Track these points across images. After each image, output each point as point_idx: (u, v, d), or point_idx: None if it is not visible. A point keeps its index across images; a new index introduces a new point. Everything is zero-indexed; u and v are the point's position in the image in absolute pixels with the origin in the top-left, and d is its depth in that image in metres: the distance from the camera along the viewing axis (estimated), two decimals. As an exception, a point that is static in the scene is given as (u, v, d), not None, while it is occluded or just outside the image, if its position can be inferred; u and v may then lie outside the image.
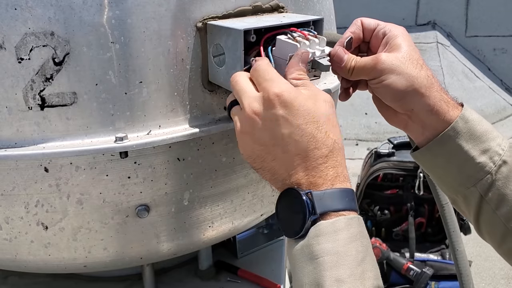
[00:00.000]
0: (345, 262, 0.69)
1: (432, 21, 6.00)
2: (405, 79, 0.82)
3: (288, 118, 0.73)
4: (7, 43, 0.78)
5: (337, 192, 0.72)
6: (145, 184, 0.88)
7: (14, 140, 0.83)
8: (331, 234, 0.70)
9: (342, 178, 0.74)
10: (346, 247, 0.69)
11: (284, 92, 0.73)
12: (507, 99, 5.62)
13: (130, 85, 0.83)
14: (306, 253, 0.71)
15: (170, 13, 0.83)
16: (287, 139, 0.73)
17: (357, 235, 0.71)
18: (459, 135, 0.85)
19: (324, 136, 0.73)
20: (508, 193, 0.85)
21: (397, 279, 2.76)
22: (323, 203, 0.71)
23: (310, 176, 0.73)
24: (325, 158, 0.73)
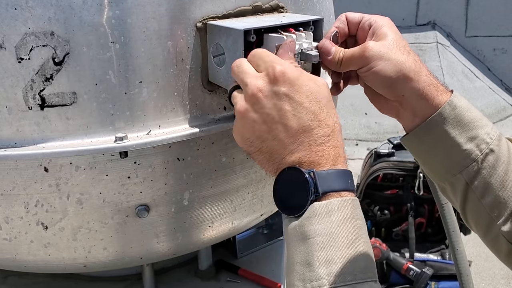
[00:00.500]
0: (336, 244, 0.69)
1: (432, 21, 6.00)
2: (394, 65, 0.83)
3: (292, 95, 0.73)
4: (7, 43, 0.78)
5: (339, 173, 0.73)
6: (145, 184, 0.88)
7: (14, 140, 0.83)
8: (323, 215, 0.70)
9: (343, 158, 0.74)
10: (338, 228, 0.70)
11: (288, 69, 0.73)
12: (507, 99, 5.62)
13: (130, 85, 0.83)
14: (298, 233, 0.71)
15: (170, 13, 0.83)
16: (290, 115, 0.73)
17: (350, 217, 0.71)
18: (446, 121, 0.85)
19: (326, 115, 0.74)
20: (493, 182, 0.85)
21: (397, 279, 2.76)
22: (326, 183, 0.71)
23: (312, 154, 0.72)
24: (327, 137, 0.73)
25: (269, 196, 1.06)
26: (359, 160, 3.90)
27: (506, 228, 0.85)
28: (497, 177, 0.85)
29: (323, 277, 0.68)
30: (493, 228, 0.87)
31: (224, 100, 0.92)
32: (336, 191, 0.72)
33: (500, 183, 0.85)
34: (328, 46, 0.86)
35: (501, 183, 0.85)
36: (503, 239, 0.86)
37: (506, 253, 0.87)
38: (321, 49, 0.86)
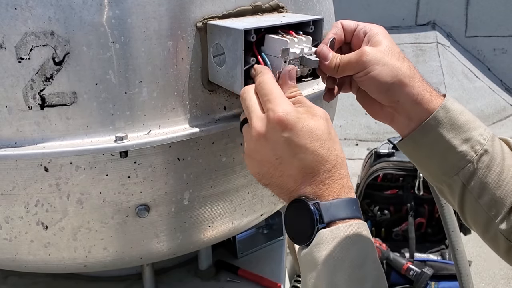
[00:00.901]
0: (343, 268, 0.72)
1: (432, 21, 5.99)
2: (390, 70, 0.85)
3: (293, 140, 0.75)
4: (7, 43, 0.78)
5: (343, 202, 0.75)
6: (145, 184, 0.88)
7: (14, 139, 0.83)
8: (330, 241, 0.73)
9: (347, 189, 0.77)
10: (343, 253, 0.72)
11: (288, 115, 0.76)
12: (507, 99, 5.61)
13: (130, 85, 0.83)
14: (308, 260, 0.74)
15: (170, 13, 0.83)
16: (293, 158, 0.76)
17: (355, 240, 0.74)
18: (441, 125, 0.87)
19: (327, 152, 0.76)
20: (489, 182, 0.87)
21: (397, 279, 2.76)
22: (330, 213, 0.74)
23: (317, 190, 0.76)
24: (329, 173, 0.76)
25: (269, 196, 1.06)
26: (359, 160, 3.90)
27: (504, 226, 0.87)
28: (493, 177, 0.87)
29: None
30: (492, 227, 0.88)
31: (224, 100, 0.92)
32: (341, 219, 0.74)
33: (496, 182, 0.87)
34: (325, 52, 0.86)
35: (497, 182, 0.87)
36: (502, 237, 0.87)
37: (505, 250, 0.88)
38: (319, 54, 0.87)
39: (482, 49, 6.00)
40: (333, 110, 1.19)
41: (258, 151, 0.79)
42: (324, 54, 0.86)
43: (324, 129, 0.77)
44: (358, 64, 0.85)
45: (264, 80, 0.80)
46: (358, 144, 4.88)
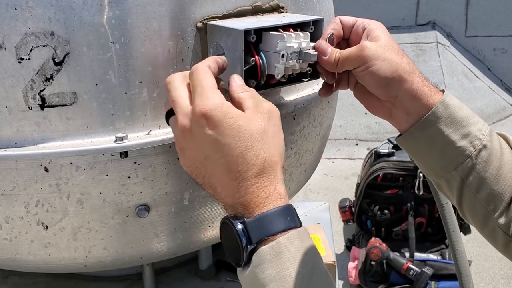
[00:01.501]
0: (290, 285, 0.68)
1: (432, 21, 5.99)
2: (390, 65, 0.84)
3: (218, 138, 0.71)
4: (7, 43, 0.78)
5: (274, 214, 0.70)
6: (145, 184, 0.88)
7: (14, 140, 0.84)
8: (272, 259, 0.69)
9: (277, 195, 0.72)
10: (289, 270, 0.68)
11: (213, 111, 0.71)
12: (507, 99, 5.61)
13: (130, 85, 0.83)
14: (252, 281, 0.70)
15: (170, 13, 0.83)
16: (217, 159, 0.72)
17: (299, 253, 0.70)
18: (440, 120, 0.86)
19: (253, 155, 0.71)
20: (487, 177, 0.87)
21: (397, 278, 2.76)
22: (258, 231, 0.69)
23: (243, 200, 0.71)
24: (256, 179, 0.71)
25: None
26: (359, 160, 3.91)
27: (502, 220, 0.87)
28: (491, 172, 0.87)
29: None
30: (490, 221, 0.89)
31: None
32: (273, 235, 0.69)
33: (494, 177, 0.87)
34: (324, 46, 0.86)
35: (495, 177, 0.87)
36: (500, 231, 0.88)
37: (504, 244, 0.89)
38: (317, 49, 0.86)
39: (482, 49, 5.99)
40: (333, 109, 1.19)
41: (186, 147, 0.75)
42: (322, 48, 0.86)
43: (257, 129, 0.72)
44: (358, 59, 0.85)
45: (197, 68, 0.76)
46: (358, 144, 4.88)
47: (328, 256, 1.50)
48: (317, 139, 1.11)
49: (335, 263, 1.49)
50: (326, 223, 1.78)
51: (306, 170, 1.13)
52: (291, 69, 0.87)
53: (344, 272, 2.95)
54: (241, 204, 0.71)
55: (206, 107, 0.71)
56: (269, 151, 0.73)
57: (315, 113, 1.07)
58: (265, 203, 0.71)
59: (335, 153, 4.61)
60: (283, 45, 0.83)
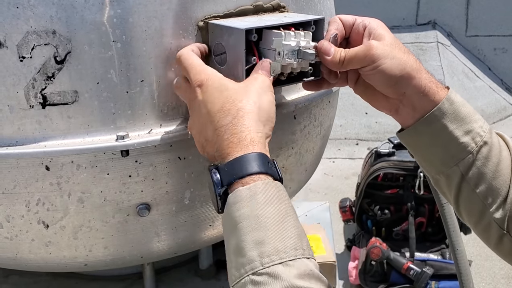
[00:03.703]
0: (264, 224, 0.70)
1: (432, 21, 5.98)
2: (398, 63, 0.85)
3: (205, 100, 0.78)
4: (9, 42, 0.78)
5: (241, 159, 0.74)
6: (146, 183, 0.88)
7: (16, 138, 0.84)
8: (248, 199, 0.72)
9: (248, 141, 0.75)
10: (264, 210, 0.71)
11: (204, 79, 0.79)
12: (508, 99, 5.61)
13: (131, 84, 0.83)
14: (229, 221, 0.73)
15: (172, 12, 0.83)
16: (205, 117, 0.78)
17: (274, 197, 0.73)
18: (445, 116, 0.88)
19: (230, 105, 0.77)
20: (486, 172, 0.89)
21: (397, 278, 2.76)
22: (228, 174, 0.73)
23: (218, 147, 0.76)
24: (229, 125, 0.75)
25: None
26: (359, 160, 3.90)
27: (499, 215, 0.89)
28: (490, 167, 0.89)
29: (255, 259, 0.69)
30: (486, 215, 0.90)
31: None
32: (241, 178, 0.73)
33: (493, 172, 0.89)
34: (327, 47, 0.86)
35: (494, 172, 0.89)
36: (495, 225, 0.90)
37: (497, 240, 0.91)
38: (320, 50, 0.87)
39: (482, 48, 5.99)
40: (334, 109, 1.19)
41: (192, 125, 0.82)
42: (325, 49, 0.86)
43: (242, 85, 0.79)
44: (366, 58, 0.85)
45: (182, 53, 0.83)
46: (359, 143, 4.87)
47: (328, 256, 1.50)
48: (317, 138, 1.11)
49: (335, 263, 1.49)
50: (326, 223, 1.78)
51: (306, 170, 1.13)
52: (289, 68, 0.86)
53: (344, 272, 2.94)
54: (219, 152, 0.76)
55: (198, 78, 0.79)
56: (247, 101, 0.77)
57: (316, 112, 1.07)
58: (236, 148, 0.74)
59: (336, 153, 4.61)
60: (279, 43, 0.83)
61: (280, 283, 0.67)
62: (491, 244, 0.93)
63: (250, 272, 0.68)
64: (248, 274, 0.68)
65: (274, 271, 0.67)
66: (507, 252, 0.91)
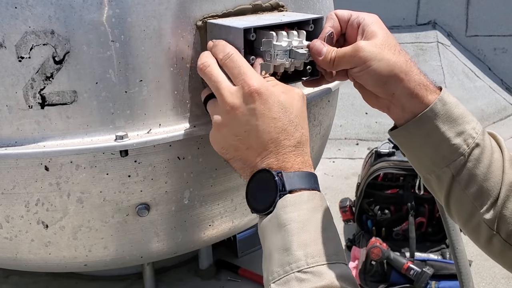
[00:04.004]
0: (310, 229, 0.76)
1: (432, 21, 5.98)
2: (386, 65, 0.85)
3: (265, 112, 0.79)
4: (7, 42, 0.78)
5: (304, 174, 0.79)
6: (145, 183, 0.88)
7: (15, 138, 0.84)
8: (296, 204, 0.77)
9: (308, 164, 0.81)
10: (309, 215, 0.77)
11: (262, 87, 0.79)
12: (508, 99, 5.60)
13: (130, 84, 0.83)
14: (274, 223, 0.78)
15: (170, 12, 0.83)
16: (262, 130, 0.79)
17: (319, 207, 0.79)
18: (437, 117, 0.88)
19: (293, 129, 0.80)
20: (478, 174, 0.89)
21: (398, 278, 2.76)
22: (292, 182, 0.78)
23: (280, 162, 0.79)
24: (293, 148, 0.80)
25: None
26: (359, 160, 3.90)
27: (489, 216, 0.90)
28: (482, 169, 0.89)
29: (301, 258, 0.74)
30: (475, 216, 0.91)
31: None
32: (302, 189, 0.78)
33: (484, 174, 0.89)
34: (319, 47, 0.86)
35: (485, 174, 0.89)
36: (485, 226, 0.90)
37: (486, 240, 0.91)
38: (312, 50, 0.87)
39: (482, 48, 5.99)
40: (333, 109, 1.19)
41: (227, 124, 0.81)
42: (317, 49, 0.86)
43: (296, 106, 0.82)
44: (353, 59, 0.85)
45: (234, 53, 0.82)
46: (359, 143, 4.87)
47: (328, 256, 1.49)
48: (317, 138, 1.11)
49: (336, 263, 1.48)
50: (326, 223, 1.78)
51: (306, 169, 1.13)
52: (282, 67, 0.87)
53: (344, 271, 2.94)
54: (277, 165, 0.79)
55: (256, 84, 0.79)
56: (305, 127, 0.83)
57: (315, 112, 1.07)
58: (300, 166, 0.80)
59: (336, 153, 4.61)
60: (268, 44, 0.83)
61: (323, 281, 0.73)
62: (480, 244, 0.93)
63: (296, 270, 0.74)
64: (293, 271, 0.74)
65: (318, 271, 0.74)
66: (497, 252, 0.91)
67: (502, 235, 0.89)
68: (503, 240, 0.89)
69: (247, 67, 0.80)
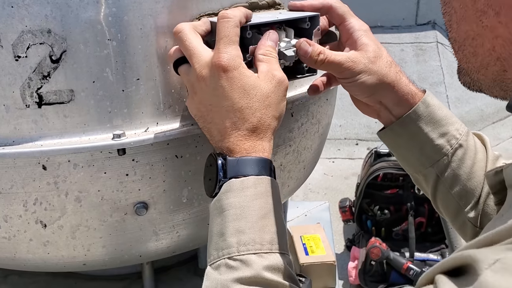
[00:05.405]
0: (247, 216, 0.76)
1: (432, 21, 5.98)
2: (376, 78, 0.87)
3: (226, 91, 0.78)
4: (4, 41, 0.78)
5: (251, 160, 0.78)
6: (143, 182, 0.88)
7: (12, 138, 0.84)
8: (239, 190, 0.77)
9: (260, 149, 0.79)
10: (250, 202, 0.76)
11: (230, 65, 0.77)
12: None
13: (127, 82, 0.83)
14: (217, 207, 0.78)
15: (167, 10, 0.83)
16: (221, 108, 0.79)
17: (263, 193, 0.77)
18: (420, 118, 0.90)
19: (251, 113, 0.78)
20: (461, 174, 0.92)
21: (397, 278, 2.76)
22: (235, 169, 0.78)
23: (230, 144, 0.79)
24: (247, 131, 0.78)
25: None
26: (359, 160, 3.90)
27: (472, 214, 0.93)
28: (465, 169, 0.92)
29: (233, 245, 0.74)
30: (461, 215, 0.94)
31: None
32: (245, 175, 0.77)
33: (467, 174, 0.92)
34: (304, 48, 0.85)
35: (468, 174, 0.92)
36: (470, 224, 0.94)
37: (472, 237, 0.94)
38: (298, 49, 0.86)
39: (482, 48, 5.98)
40: (332, 107, 1.19)
41: (196, 93, 0.81)
42: (303, 49, 0.85)
43: (262, 91, 0.79)
44: (343, 70, 0.86)
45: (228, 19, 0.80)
46: (358, 143, 4.87)
47: (328, 256, 1.50)
48: (315, 136, 1.11)
49: (335, 263, 1.49)
50: (326, 223, 1.78)
51: (305, 167, 1.13)
52: None
53: (344, 272, 2.94)
54: (228, 148, 0.79)
55: (226, 61, 0.77)
56: (266, 113, 0.79)
57: (314, 110, 1.07)
58: (248, 150, 0.78)
59: (335, 153, 4.61)
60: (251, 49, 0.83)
61: (249, 270, 0.72)
62: (467, 239, 0.96)
63: (227, 256, 0.74)
64: (224, 257, 0.75)
65: (247, 259, 0.73)
66: None
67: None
68: None
69: (232, 40, 0.79)
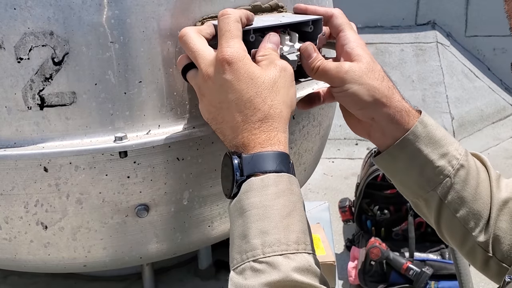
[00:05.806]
0: (271, 215, 0.72)
1: (432, 21, 5.98)
2: (367, 90, 0.84)
3: (233, 83, 0.76)
4: (6, 43, 0.78)
5: (267, 155, 0.75)
6: (145, 184, 0.88)
7: (14, 140, 0.84)
8: (259, 189, 0.74)
9: (275, 141, 0.76)
10: (273, 201, 0.73)
11: (234, 57, 0.76)
12: (507, 99, 5.61)
13: (129, 85, 0.83)
14: (237, 208, 0.75)
15: (169, 13, 0.83)
16: (230, 102, 0.77)
17: (285, 191, 0.74)
18: (419, 139, 0.87)
19: (261, 101, 0.76)
20: (466, 196, 0.88)
21: (397, 278, 2.76)
22: (251, 165, 0.75)
23: (244, 139, 0.76)
24: (260, 123, 0.76)
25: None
26: (359, 160, 3.90)
27: (482, 238, 0.89)
28: (470, 191, 0.88)
29: (257, 247, 0.71)
30: (469, 240, 0.90)
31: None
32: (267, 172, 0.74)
33: (472, 196, 0.88)
34: (310, 50, 0.85)
35: (474, 195, 0.88)
36: (479, 249, 0.89)
37: (482, 262, 0.90)
38: (303, 52, 0.86)
39: (482, 48, 5.99)
40: (333, 109, 1.19)
41: (205, 94, 0.80)
42: (308, 52, 0.85)
43: (269, 78, 0.77)
44: (336, 79, 0.84)
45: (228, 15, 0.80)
46: (358, 143, 4.87)
47: (328, 256, 1.50)
48: (316, 138, 1.11)
49: (335, 263, 1.49)
50: (326, 223, 1.79)
51: (305, 169, 1.13)
52: None
53: (344, 272, 2.95)
54: (242, 143, 0.76)
55: (230, 54, 0.76)
56: (276, 99, 0.77)
57: (315, 112, 1.07)
58: (263, 144, 0.75)
59: (335, 153, 4.61)
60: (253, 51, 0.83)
61: (277, 273, 0.69)
62: (477, 266, 0.92)
63: (252, 259, 0.71)
64: (249, 260, 0.71)
65: (274, 261, 0.70)
66: (494, 274, 0.90)
67: (497, 257, 0.88)
68: (499, 262, 0.88)
69: (235, 34, 0.78)
